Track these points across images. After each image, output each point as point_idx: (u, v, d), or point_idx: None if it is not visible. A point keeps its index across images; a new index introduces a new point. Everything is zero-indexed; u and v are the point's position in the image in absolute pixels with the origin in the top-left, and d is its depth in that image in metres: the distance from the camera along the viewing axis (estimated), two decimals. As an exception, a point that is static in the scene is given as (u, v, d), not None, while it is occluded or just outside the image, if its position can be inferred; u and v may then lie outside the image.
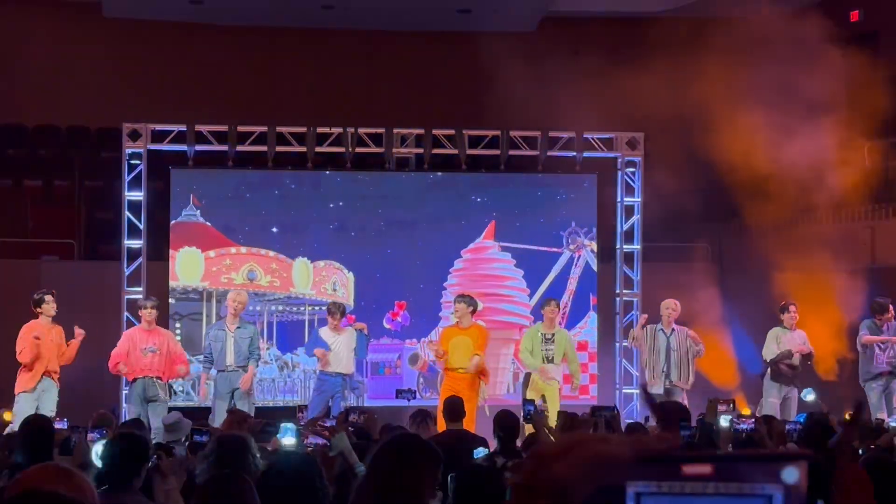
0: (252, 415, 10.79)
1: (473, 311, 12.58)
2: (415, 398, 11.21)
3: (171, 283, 13.98)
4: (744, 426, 7.89)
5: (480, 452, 6.90)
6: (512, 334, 14.61)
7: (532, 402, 9.75)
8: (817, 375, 13.20)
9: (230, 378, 12.34)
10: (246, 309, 13.24)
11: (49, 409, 11.63)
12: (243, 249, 14.32)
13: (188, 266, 14.15)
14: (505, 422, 7.91)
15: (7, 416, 11.40)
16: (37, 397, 11.81)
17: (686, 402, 11.87)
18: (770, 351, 12.74)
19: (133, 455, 4.86)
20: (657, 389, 12.75)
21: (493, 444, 7.73)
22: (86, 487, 2.83)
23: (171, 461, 5.79)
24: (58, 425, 9.23)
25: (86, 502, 2.77)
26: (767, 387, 12.56)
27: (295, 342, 14.24)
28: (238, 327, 12.50)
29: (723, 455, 1.28)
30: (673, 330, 12.99)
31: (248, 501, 3.87)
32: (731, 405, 8.37)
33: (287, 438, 6.39)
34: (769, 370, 12.68)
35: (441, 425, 9.24)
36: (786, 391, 12.54)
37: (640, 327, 13.17)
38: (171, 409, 11.20)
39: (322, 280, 14.41)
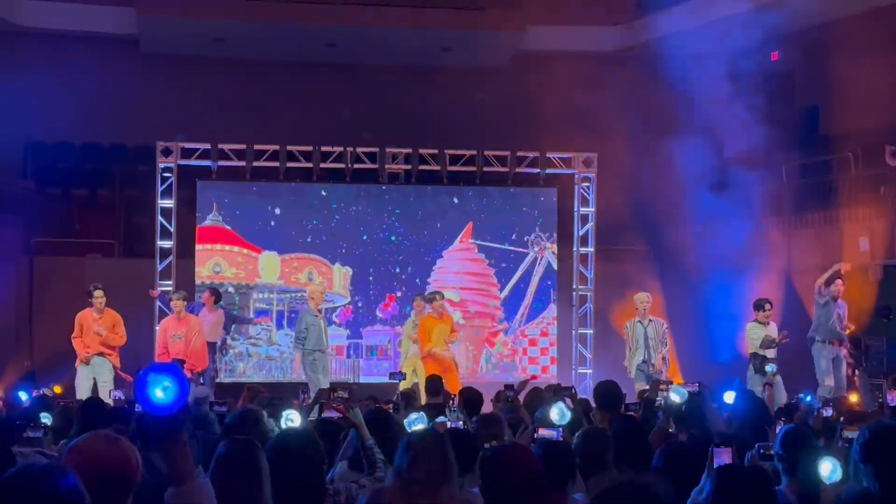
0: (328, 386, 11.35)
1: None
2: (405, 379, 11.23)
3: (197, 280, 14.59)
4: (689, 388, 8.51)
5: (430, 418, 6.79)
6: (485, 322, 15.30)
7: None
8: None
9: (324, 358, 13.10)
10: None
11: (102, 379, 12.58)
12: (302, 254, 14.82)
13: (268, 266, 14.76)
14: (470, 397, 8.34)
15: (56, 389, 11.81)
16: (90, 370, 12.64)
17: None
18: (752, 343, 12.32)
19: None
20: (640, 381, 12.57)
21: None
22: (130, 452, 2.95)
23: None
24: (114, 395, 10.09)
25: (131, 464, 2.94)
26: (751, 381, 12.12)
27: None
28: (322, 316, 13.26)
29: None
30: (650, 321, 13.04)
31: (260, 467, 3.89)
32: (669, 384, 9.09)
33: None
34: (751, 363, 12.29)
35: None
36: (769, 380, 11.62)
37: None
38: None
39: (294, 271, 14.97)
